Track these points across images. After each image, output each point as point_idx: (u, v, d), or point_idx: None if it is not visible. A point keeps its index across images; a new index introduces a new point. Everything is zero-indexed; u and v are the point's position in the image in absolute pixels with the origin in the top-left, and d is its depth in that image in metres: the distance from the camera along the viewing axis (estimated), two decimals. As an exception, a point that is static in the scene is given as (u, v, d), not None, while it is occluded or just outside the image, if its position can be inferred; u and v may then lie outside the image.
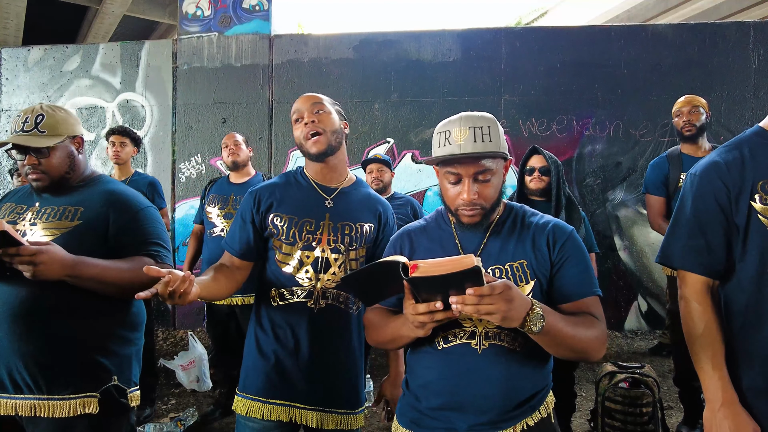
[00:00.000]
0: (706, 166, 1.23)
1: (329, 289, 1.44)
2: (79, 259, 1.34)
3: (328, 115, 1.49)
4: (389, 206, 1.60)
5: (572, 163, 4.65)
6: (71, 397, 1.38)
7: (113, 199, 1.51)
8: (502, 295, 0.92)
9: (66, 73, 5.00)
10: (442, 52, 4.72)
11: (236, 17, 4.85)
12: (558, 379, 2.61)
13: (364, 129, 4.76)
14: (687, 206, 1.23)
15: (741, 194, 1.16)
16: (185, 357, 3.36)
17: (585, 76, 4.60)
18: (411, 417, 1.21)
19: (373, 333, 1.25)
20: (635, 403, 2.43)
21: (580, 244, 1.21)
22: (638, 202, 4.60)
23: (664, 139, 4.57)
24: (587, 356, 1.12)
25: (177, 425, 2.80)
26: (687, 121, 2.81)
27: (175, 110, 4.87)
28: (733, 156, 1.20)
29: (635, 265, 4.63)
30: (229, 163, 3.14)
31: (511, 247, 1.18)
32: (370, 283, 1.10)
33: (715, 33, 4.52)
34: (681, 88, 4.50)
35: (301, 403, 1.42)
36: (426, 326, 1.01)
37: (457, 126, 1.13)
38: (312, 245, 1.44)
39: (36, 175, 1.47)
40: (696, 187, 1.22)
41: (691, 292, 1.20)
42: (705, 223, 1.19)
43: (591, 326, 1.11)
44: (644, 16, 10.63)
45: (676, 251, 1.24)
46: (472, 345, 1.13)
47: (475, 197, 1.13)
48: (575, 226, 2.60)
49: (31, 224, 1.45)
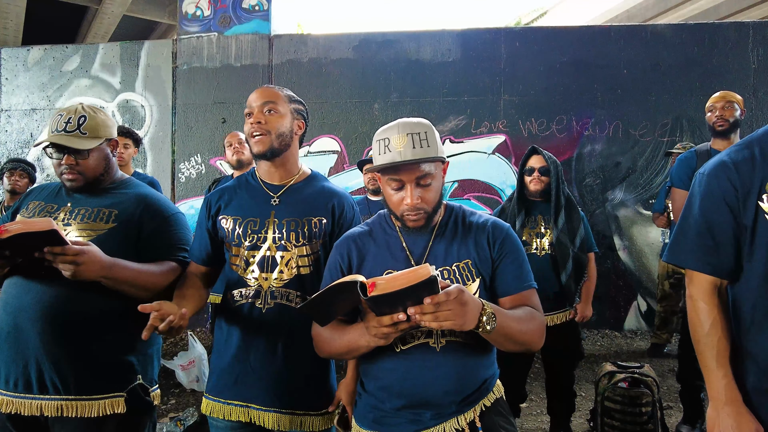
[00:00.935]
0: (714, 166, 1.21)
1: (278, 288, 1.42)
2: (116, 262, 1.36)
3: (279, 117, 1.46)
4: (347, 198, 1.55)
5: (572, 163, 4.65)
6: (100, 398, 1.39)
7: (146, 204, 1.54)
8: (457, 299, 0.97)
9: (66, 73, 5.00)
10: (442, 52, 4.72)
11: (236, 17, 4.86)
12: (554, 377, 2.65)
13: (363, 129, 4.76)
14: (695, 206, 1.23)
15: (749, 194, 1.14)
16: (185, 357, 3.36)
17: (584, 76, 4.61)
18: (373, 417, 1.22)
19: (325, 346, 1.24)
20: (635, 403, 2.43)
21: (516, 240, 1.28)
22: (638, 201, 4.61)
23: (664, 138, 4.58)
24: (529, 347, 1.19)
25: (177, 425, 2.81)
26: (720, 116, 2.76)
27: (175, 110, 4.88)
28: (743, 156, 1.18)
29: (635, 265, 4.63)
30: (234, 162, 3.13)
31: (455, 248, 1.24)
32: (326, 305, 1.10)
33: (714, 33, 4.53)
34: (680, 88, 4.52)
35: (257, 404, 1.41)
36: (389, 337, 1.05)
37: (395, 133, 1.17)
38: (257, 244, 1.43)
39: (72, 175, 1.48)
40: (704, 186, 1.21)
41: (698, 292, 1.20)
42: (713, 223, 1.19)
43: (533, 319, 1.18)
44: (644, 15, 10.63)
45: (685, 251, 1.24)
46: (431, 344, 1.17)
47: (418, 202, 1.18)
48: (575, 227, 2.61)
49: (65, 224, 1.45)
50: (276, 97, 1.47)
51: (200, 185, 4.82)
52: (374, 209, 3.16)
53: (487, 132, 4.66)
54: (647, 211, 4.56)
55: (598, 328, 4.67)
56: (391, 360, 1.19)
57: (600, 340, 4.60)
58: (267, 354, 1.41)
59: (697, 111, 4.41)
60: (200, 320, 4.79)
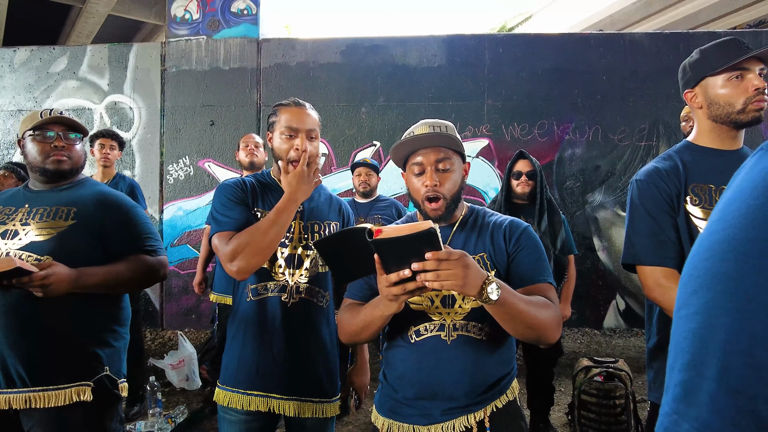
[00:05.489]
0: (649, 173, 1.41)
1: (302, 283, 1.53)
2: (81, 272, 1.42)
3: (317, 139, 1.57)
4: (347, 205, 1.73)
5: (553, 167, 4.79)
6: (66, 386, 1.43)
7: (105, 201, 1.59)
8: (459, 261, 0.99)
9: (53, 75, 5.00)
10: (428, 58, 4.83)
11: (224, 21, 4.91)
12: (537, 375, 2.76)
13: (351, 132, 4.84)
14: (639, 209, 1.39)
15: (679, 197, 1.34)
16: (175, 356, 3.41)
17: (565, 82, 4.75)
18: (389, 407, 1.30)
19: (347, 326, 1.28)
20: (609, 396, 2.56)
21: (535, 237, 1.31)
22: (617, 204, 4.76)
23: (641, 143, 4.74)
24: (544, 334, 1.16)
25: (168, 422, 2.86)
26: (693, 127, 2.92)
27: (164, 112, 4.91)
28: (670, 165, 1.39)
29: (614, 265, 4.78)
30: (246, 164, 3.17)
31: (473, 242, 1.30)
32: (341, 255, 1.16)
33: (688, 42, 4.70)
34: (657, 94, 4.68)
35: (279, 394, 1.48)
36: (399, 298, 1.06)
37: (419, 127, 1.29)
38: (285, 243, 1.53)
39: (61, 156, 1.55)
40: (644, 191, 1.39)
41: (665, 282, 1.32)
42: (660, 221, 1.35)
43: (546, 306, 1.16)
44: (626, 21, 10.87)
45: (641, 250, 1.37)
46: (442, 337, 1.23)
47: (437, 184, 1.25)
48: (556, 229, 2.72)
49: (23, 224, 1.48)
50: (315, 124, 1.56)
51: (188, 187, 4.86)
52: (362, 211, 3.25)
53: (471, 136, 4.77)
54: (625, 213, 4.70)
55: (578, 327, 4.81)
56: (406, 350, 1.26)
57: (580, 338, 4.74)
58: (290, 345, 1.50)
59: (672, 116, 4.59)
60: (189, 321, 4.82)
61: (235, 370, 1.51)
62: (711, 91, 1.37)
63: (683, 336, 0.44)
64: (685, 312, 0.44)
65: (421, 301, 1.27)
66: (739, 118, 1.34)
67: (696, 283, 0.44)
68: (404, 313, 1.20)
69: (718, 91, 1.36)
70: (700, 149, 1.42)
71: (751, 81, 1.31)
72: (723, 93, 1.35)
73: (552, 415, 2.92)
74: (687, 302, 0.45)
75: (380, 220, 3.15)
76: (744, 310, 0.38)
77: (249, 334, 1.51)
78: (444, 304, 1.26)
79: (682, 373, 0.43)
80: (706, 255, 0.44)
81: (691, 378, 0.41)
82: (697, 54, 1.42)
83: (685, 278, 0.46)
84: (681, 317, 0.45)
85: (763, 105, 1.33)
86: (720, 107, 1.36)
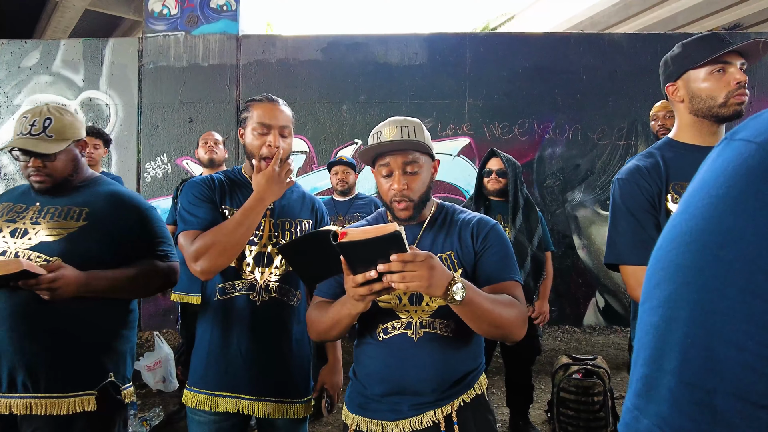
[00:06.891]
0: (630, 172, 1.39)
1: (272, 282, 1.50)
2: (91, 275, 1.38)
3: (290, 137, 1.53)
4: (322, 203, 1.70)
5: (533, 165, 4.82)
6: (70, 395, 1.39)
7: (119, 201, 1.54)
8: (425, 262, 0.99)
9: (24, 69, 4.86)
10: (409, 56, 4.81)
11: (203, 17, 4.82)
12: (516, 374, 2.77)
13: (332, 130, 4.81)
14: (621, 209, 1.37)
15: (660, 195, 1.32)
16: (151, 357, 3.34)
17: (546, 81, 4.77)
18: (358, 402, 1.30)
19: (316, 324, 1.28)
20: (587, 393, 2.57)
21: (502, 234, 1.31)
22: (596, 202, 4.81)
23: (620, 142, 4.79)
24: (509, 332, 1.18)
25: (143, 425, 2.80)
26: (662, 125, 2.95)
27: (141, 109, 4.81)
28: (651, 162, 1.37)
29: (593, 263, 4.83)
30: (206, 161, 3.12)
31: (441, 240, 1.30)
32: (307, 258, 1.15)
33: (665, 43, 4.77)
34: (635, 94, 4.74)
35: (247, 394, 1.45)
36: (366, 299, 1.07)
37: (386, 127, 1.27)
38: (254, 241, 1.50)
39: (40, 177, 1.47)
40: (626, 190, 1.36)
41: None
42: (642, 220, 1.33)
43: (511, 305, 1.18)
44: (607, 23, 11.02)
45: (624, 250, 1.35)
46: (409, 334, 1.24)
47: (404, 188, 1.24)
48: (533, 227, 2.74)
49: (33, 223, 1.44)
50: (289, 120, 1.52)
51: (166, 185, 4.77)
52: (341, 209, 3.23)
53: (453, 135, 4.78)
54: (605, 212, 4.76)
55: (558, 324, 4.85)
56: (374, 347, 1.27)
57: (560, 336, 4.79)
58: (259, 345, 1.47)
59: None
60: (167, 321, 4.74)
61: (203, 370, 1.49)
62: (693, 85, 1.37)
63: (645, 330, 0.43)
64: (648, 305, 0.43)
65: (389, 299, 1.26)
66: (720, 112, 1.34)
67: (659, 276, 0.43)
68: (372, 311, 1.20)
69: (700, 84, 1.35)
70: (681, 146, 1.42)
71: (733, 75, 1.32)
72: (705, 86, 1.34)
73: (531, 413, 2.93)
74: (650, 295, 0.43)
75: (359, 218, 3.13)
76: (702, 302, 0.37)
77: (216, 334, 1.48)
78: (411, 302, 1.26)
79: (643, 368, 0.42)
80: (669, 247, 0.42)
81: (652, 373, 0.40)
82: (678, 48, 1.42)
83: (650, 271, 0.45)
84: (645, 311, 0.44)
85: (745, 99, 1.33)
86: (702, 101, 1.36)
